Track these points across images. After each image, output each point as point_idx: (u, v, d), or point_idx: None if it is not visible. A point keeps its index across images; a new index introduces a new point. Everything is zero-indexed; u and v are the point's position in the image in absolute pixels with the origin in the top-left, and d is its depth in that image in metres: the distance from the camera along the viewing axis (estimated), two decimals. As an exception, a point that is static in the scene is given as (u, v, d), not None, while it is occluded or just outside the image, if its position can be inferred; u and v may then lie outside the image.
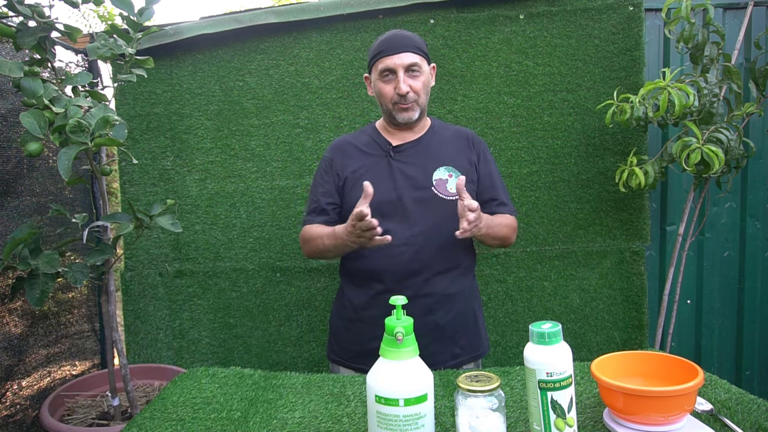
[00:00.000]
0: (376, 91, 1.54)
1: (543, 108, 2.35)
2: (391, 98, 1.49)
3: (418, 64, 1.48)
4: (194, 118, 2.38)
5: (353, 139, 1.63)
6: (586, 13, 2.31)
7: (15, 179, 2.06)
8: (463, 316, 1.56)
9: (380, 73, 1.49)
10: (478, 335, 1.61)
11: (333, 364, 1.65)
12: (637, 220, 2.37)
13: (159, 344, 2.44)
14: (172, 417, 1.11)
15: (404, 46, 1.47)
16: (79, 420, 1.97)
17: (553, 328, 0.90)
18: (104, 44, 1.76)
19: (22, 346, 2.08)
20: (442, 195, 1.51)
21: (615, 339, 2.42)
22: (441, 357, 1.52)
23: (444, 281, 1.52)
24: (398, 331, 0.90)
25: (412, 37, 1.51)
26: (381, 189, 1.49)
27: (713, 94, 2.02)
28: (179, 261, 2.42)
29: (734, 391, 1.13)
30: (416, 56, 1.48)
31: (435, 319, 1.51)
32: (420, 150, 1.55)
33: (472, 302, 1.60)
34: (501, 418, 0.91)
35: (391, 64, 1.47)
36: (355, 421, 1.07)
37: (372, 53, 1.53)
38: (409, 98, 1.48)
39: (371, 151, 1.58)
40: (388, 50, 1.47)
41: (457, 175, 1.53)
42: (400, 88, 1.46)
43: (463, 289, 1.56)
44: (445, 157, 1.55)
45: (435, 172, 1.52)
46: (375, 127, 1.63)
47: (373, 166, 1.54)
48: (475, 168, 1.57)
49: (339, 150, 1.61)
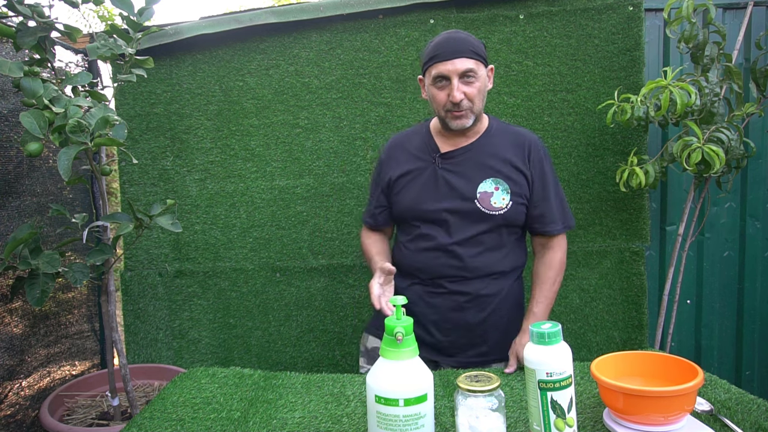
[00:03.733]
0: (430, 96, 1.49)
1: (543, 108, 2.35)
2: (444, 105, 1.44)
3: (473, 70, 1.40)
4: (194, 118, 2.38)
5: (406, 141, 1.59)
6: (585, 13, 2.31)
7: (16, 179, 2.06)
8: (496, 317, 1.52)
9: (434, 79, 1.43)
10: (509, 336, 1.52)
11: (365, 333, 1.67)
12: (637, 220, 2.37)
13: (159, 344, 2.44)
14: (171, 417, 1.11)
15: (459, 51, 1.40)
16: (79, 420, 1.97)
17: (553, 328, 0.90)
18: (104, 44, 1.76)
19: (22, 346, 2.08)
20: (485, 209, 1.46)
21: (615, 339, 2.42)
22: (469, 351, 1.51)
23: (479, 284, 1.49)
24: (398, 331, 0.90)
25: (468, 39, 1.42)
26: (424, 198, 1.49)
27: (714, 94, 2.02)
28: (179, 261, 2.42)
29: (734, 391, 1.13)
30: (471, 61, 1.40)
31: (464, 316, 1.49)
32: (469, 158, 1.50)
33: (509, 304, 1.55)
34: (501, 418, 0.91)
35: (445, 71, 1.40)
36: (355, 421, 1.07)
37: (426, 57, 1.45)
38: (463, 105, 1.42)
39: (421, 155, 1.54)
40: (442, 56, 1.40)
41: (503, 187, 1.47)
42: (454, 96, 1.40)
43: (501, 290, 1.52)
44: (494, 168, 1.48)
45: (481, 183, 1.47)
46: (429, 129, 1.58)
47: (419, 174, 1.52)
48: (527, 180, 1.49)
49: (390, 152, 1.60)
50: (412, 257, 1.53)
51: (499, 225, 1.48)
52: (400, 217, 1.56)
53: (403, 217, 1.55)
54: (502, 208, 1.46)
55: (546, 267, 1.54)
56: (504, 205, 1.46)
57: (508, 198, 1.47)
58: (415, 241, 1.52)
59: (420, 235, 1.51)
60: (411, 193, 1.52)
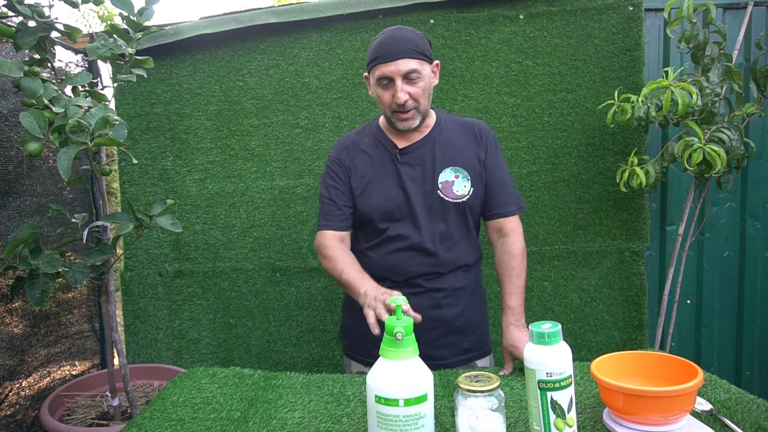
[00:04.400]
0: (375, 96, 1.49)
1: (543, 108, 2.35)
2: (390, 106, 1.44)
3: (416, 70, 1.39)
4: (194, 118, 2.38)
5: (358, 140, 1.58)
6: (585, 13, 2.31)
7: (16, 179, 2.06)
8: (470, 309, 1.55)
9: (377, 80, 1.43)
10: (485, 331, 1.61)
11: (346, 358, 1.65)
12: (637, 220, 2.37)
13: (159, 344, 2.44)
14: (171, 417, 1.11)
15: (402, 51, 1.38)
16: (79, 420, 1.97)
17: (552, 328, 0.90)
18: (104, 44, 1.76)
19: (23, 346, 2.08)
20: (448, 198, 1.48)
21: (615, 339, 2.42)
22: (450, 351, 1.51)
23: (452, 278, 1.52)
24: (398, 331, 0.90)
25: (411, 38, 1.41)
26: (391, 195, 1.48)
27: (715, 94, 2.02)
28: (179, 261, 2.42)
29: (734, 391, 1.13)
30: (414, 61, 1.39)
31: (443, 313, 1.50)
32: (426, 151, 1.51)
33: (478, 296, 1.59)
34: (501, 418, 0.91)
35: (388, 72, 1.39)
36: (354, 421, 1.07)
37: (370, 56, 1.44)
38: (407, 106, 1.42)
39: (377, 154, 1.54)
40: (385, 56, 1.39)
41: (463, 175, 1.50)
42: (398, 97, 1.39)
43: (470, 282, 1.56)
44: (451, 157, 1.51)
45: (441, 174, 1.49)
46: (379, 126, 1.57)
47: (381, 173, 1.51)
48: (482, 165, 1.52)
49: (345, 150, 1.57)
50: (381, 261, 1.49)
51: (464, 214, 1.50)
52: (367, 218, 1.51)
53: (370, 218, 1.51)
54: (464, 195, 1.49)
55: (508, 256, 1.51)
56: (466, 192, 1.49)
57: (468, 185, 1.49)
58: (383, 244, 1.50)
59: (389, 238, 1.49)
60: (376, 192, 1.50)
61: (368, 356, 1.54)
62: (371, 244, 1.52)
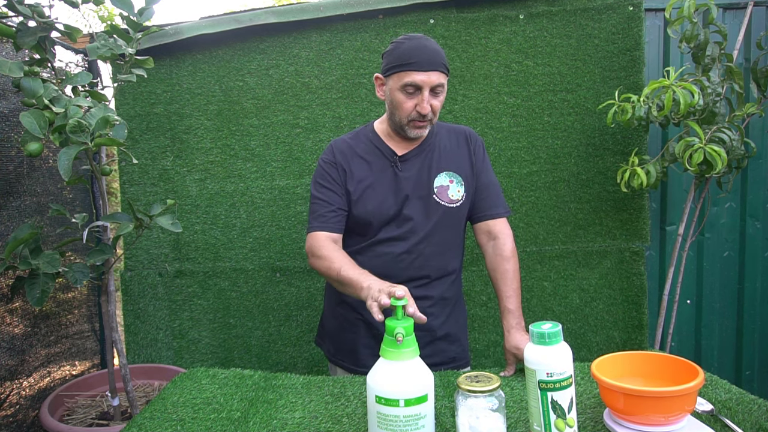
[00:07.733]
0: (391, 99, 1.46)
1: (543, 108, 2.35)
2: (408, 114, 1.43)
3: (443, 85, 1.41)
4: (194, 118, 2.38)
5: (354, 145, 1.55)
6: (585, 13, 2.31)
7: (16, 179, 2.06)
8: (452, 319, 1.56)
9: (403, 86, 1.41)
10: (466, 340, 1.62)
11: (331, 364, 1.64)
12: (637, 220, 2.37)
13: (159, 344, 2.44)
14: (172, 417, 1.11)
15: (435, 63, 1.39)
16: (79, 420, 1.97)
17: (553, 328, 0.90)
18: (104, 44, 1.76)
19: (23, 346, 2.08)
20: (443, 202, 1.49)
21: (615, 339, 2.42)
22: (435, 359, 1.51)
23: (441, 286, 1.53)
24: (398, 332, 0.90)
25: (441, 52, 1.42)
26: (388, 202, 1.48)
27: (716, 94, 2.02)
28: (179, 261, 2.42)
29: (734, 391, 1.13)
30: (443, 76, 1.41)
31: (429, 322, 1.47)
32: (423, 158, 1.52)
33: (460, 308, 1.61)
34: (501, 419, 0.91)
35: (420, 81, 1.38)
36: (355, 421, 1.07)
37: (398, 60, 1.40)
38: (427, 117, 1.43)
39: (374, 160, 1.52)
40: (419, 65, 1.37)
41: (457, 180, 1.51)
42: (424, 107, 1.40)
43: (455, 294, 1.58)
44: (446, 162, 1.53)
45: (436, 178, 1.51)
46: (375, 132, 1.56)
47: (379, 178, 1.51)
48: (473, 171, 1.55)
49: (341, 153, 1.55)
50: (369, 264, 1.45)
51: (456, 220, 1.51)
52: (361, 223, 1.50)
53: (364, 222, 1.49)
54: (459, 200, 1.50)
55: (501, 258, 1.50)
56: (460, 197, 1.51)
57: (462, 190, 1.51)
58: (372, 247, 1.50)
59: (380, 241, 1.49)
60: (373, 197, 1.49)
61: (352, 362, 1.55)
62: (360, 247, 1.51)
